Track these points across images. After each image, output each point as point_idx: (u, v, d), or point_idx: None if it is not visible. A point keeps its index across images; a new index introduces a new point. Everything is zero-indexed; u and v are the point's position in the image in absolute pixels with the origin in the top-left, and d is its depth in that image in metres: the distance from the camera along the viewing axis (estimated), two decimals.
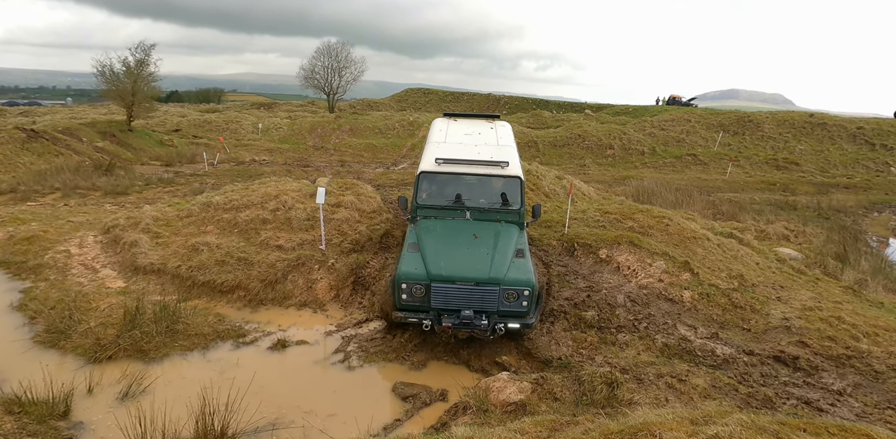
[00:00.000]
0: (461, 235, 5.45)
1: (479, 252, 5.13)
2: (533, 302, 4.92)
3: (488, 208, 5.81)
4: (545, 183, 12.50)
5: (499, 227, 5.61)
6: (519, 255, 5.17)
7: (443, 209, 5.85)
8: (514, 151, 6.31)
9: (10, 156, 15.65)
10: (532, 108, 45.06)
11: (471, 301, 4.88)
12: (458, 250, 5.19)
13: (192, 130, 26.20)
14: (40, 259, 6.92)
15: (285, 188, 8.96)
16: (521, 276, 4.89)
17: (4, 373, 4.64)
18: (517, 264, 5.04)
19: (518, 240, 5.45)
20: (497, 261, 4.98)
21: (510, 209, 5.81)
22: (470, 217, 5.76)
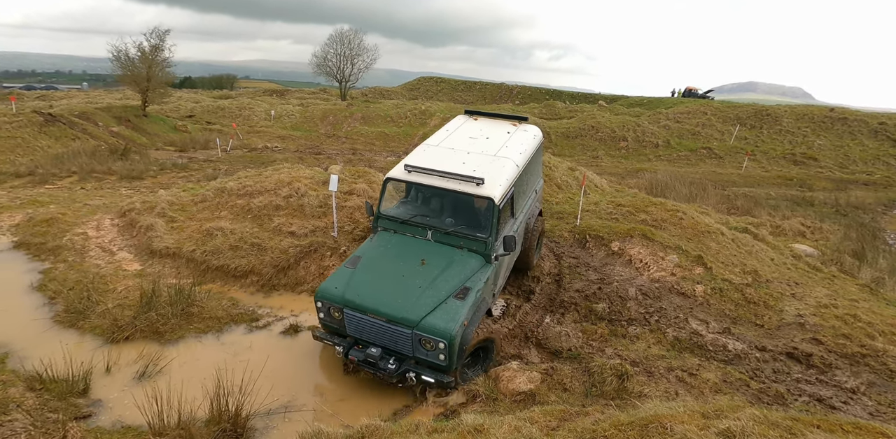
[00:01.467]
0: (408, 259, 4.54)
1: (411, 283, 4.27)
2: (455, 356, 3.99)
3: (452, 230, 4.68)
4: (557, 174, 12.39)
5: (456, 256, 4.54)
6: (460, 296, 4.17)
7: (403, 223, 4.88)
8: (508, 167, 5.02)
9: (29, 139, 15.86)
10: (545, 99, 44.52)
11: (383, 338, 4.24)
12: (390, 275, 4.39)
13: (206, 116, 26.32)
14: (59, 241, 7.05)
15: (298, 175, 8.99)
16: (440, 324, 3.95)
17: (26, 351, 4.76)
18: (447, 307, 4.08)
19: (473, 275, 4.39)
20: (423, 299, 4.12)
21: (476, 236, 4.58)
22: (431, 237, 4.74)
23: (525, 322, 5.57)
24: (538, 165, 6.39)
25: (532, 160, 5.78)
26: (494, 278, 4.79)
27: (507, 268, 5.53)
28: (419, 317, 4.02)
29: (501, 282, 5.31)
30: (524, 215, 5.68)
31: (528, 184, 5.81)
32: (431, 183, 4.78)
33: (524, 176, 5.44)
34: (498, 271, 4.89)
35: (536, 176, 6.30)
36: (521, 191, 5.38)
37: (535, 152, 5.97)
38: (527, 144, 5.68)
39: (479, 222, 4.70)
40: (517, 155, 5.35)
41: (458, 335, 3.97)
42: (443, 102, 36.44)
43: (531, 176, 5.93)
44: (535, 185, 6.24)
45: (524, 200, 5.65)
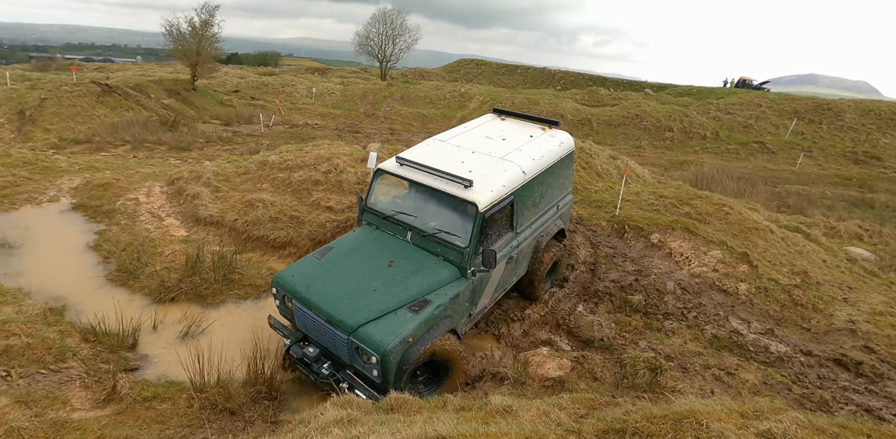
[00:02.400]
0: (377, 258, 4.14)
1: (367, 284, 3.86)
2: (391, 375, 3.52)
3: (431, 234, 4.17)
4: (598, 162, 12.04)
5: (428, 263, 4.06)
6: (415, 308, 3.69)
7: (385, 219, 4.48)
8: (509, 172, 4.41)
9: (87, 108, 16.65)
10: (588, 85, 43.08)
11: (324, 339, 3.87)
12: (350, 273, 4.00)
13: (250, 92, 26.89)
14: (113, 204, 7.42)
15: (337, 151, 9.08)
16: (377, 335, 3.48)
17: (81, 305, 5.08)
18: (394, 318, 3.61)
19: (439, 288, 3.90)
20: (371, 304, 3.68)
21: (453, 244, 4.04)
22: (410, 239, 4.30)
23: (557, 309, 5.50)
24: (564, 178, 5.40)
25: (552, 170, 4.98)
26: (470, 296, 4.16)
27: (498, 288, 4.68)
28: (357, 324, 3.56)
29: (486, 302, 4.55)
30: (533, 232, 4.93)
31: (544, 196, 5.00)
32: (418, 179, 4.32)
33: (536, 186, 4.72)
34: (477, 289, 4.22)
35: (559, 189, 5.33)
36: (529, 202, 4.69)
37: (559, 162, 5.11)
38: (546, 151, 4.94)
39: (456, 229, 4.10)
40: (528, 160, 4.65)
41: (394, 351, 3.43)
42: (483, 85, 35.84)
43: (549, 188, 5.05)
44: (555, 200, 5.31)
45: (533, 214, 4.87)
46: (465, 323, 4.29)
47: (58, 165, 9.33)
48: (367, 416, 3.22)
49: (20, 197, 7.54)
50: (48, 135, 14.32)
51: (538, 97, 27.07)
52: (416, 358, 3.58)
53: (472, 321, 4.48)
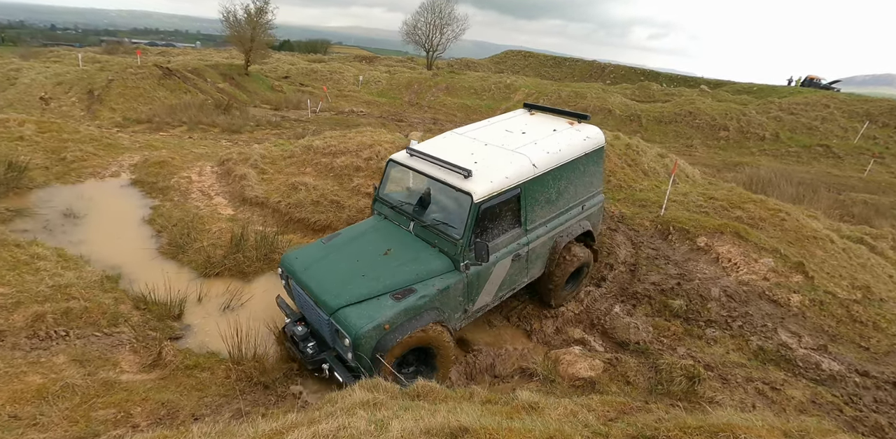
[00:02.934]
0: (376, 245, 4.18)
1: (359, 269, 3.90)
2: (364, 360, 3.54)
3: (429, 224, 4.14)
4: (645, 159, 11.58)
5: (423, 254, 4.02)
6: (398, 296, 3.68)
7: (392, 208, 4.51)
8: (517, 164, 4.23)
9: (149, 90, 17.56)
10: (639, 80, 41.41)
11: (313, 319, 3.99)
12: (347, 258, 4.07)
13: (300, 78, 27.52)
14: (167, 182, 7.81)
15: (380, 139, 9.16)
16: (353, 318, 3.50)
17: (134, 275, 5.39)
18: (375, 304, 3.61)
19: (429, 279, 3.85)
20: (356, 288, 3.71)
21: (449, 235, 3.96)
22: (412, 229, 4.28)
23: (593, 308, 5.36)
24: (590, 175, 5.06)
25: (573, 165, 4.70)
26: (465, 291, 4.04)
27: (503, 287, 4.49)
28: (338, 306, 3.60)
29: (487, 300, 4.37)
30: (549, 231, 4.69)
31: (563, 193, 4.73)
32: (422, 169, 4.30)
33: (550, 181, 4.49)
34: (474, 284, 4.09)
35: (584, 187, 5.02)
36: (542, 198, 4.47)
37: (583, 157, 4.81)
38: (566, 145, 4.64)
39: (458, 220, 4.00)
40: (542, 153, 4.41)
41: (367, 335, 3.44)
42: (529, 77, 35.17)
43: (570, 184, 4.78)
44: (579, 198, 5.01)
45: (549, 212, 4.63)
46: (459, 318, 4.14)
47: (120, 143, 9.89)
48: (392, 401, 3.25)
49: (86, 171, 8.05)
50: (113, 114, 15.22)
51: (586, 91, 26.27)
52: (393, 346, 3.54)
53: (469, 318, 4.29)
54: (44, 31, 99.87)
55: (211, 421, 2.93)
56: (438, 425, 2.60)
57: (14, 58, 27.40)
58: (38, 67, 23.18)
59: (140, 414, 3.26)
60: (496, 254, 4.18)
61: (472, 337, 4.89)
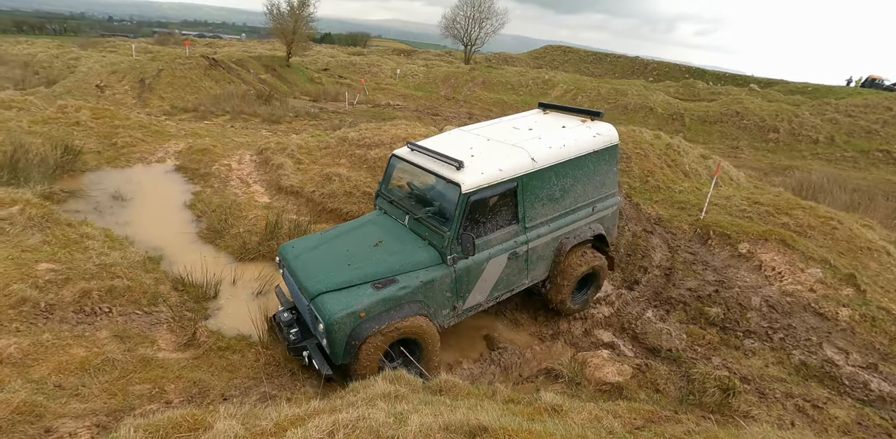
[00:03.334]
0: (369, 238, 4.16)
1: (346, 259, 3.89)
2: (339, 347, 3.50)
3: (423, 217, 4.05)
4: (686, 160, 11.14)
5: (411, 246, 3.96)
6: (378, 285, 3.64)
7: (391, 203, 4.47)
8: (514, 157, 4.10)
9: (196, 80, 18.20)
10: (684, 77, 39.87)
11: (300, 306, 4.00)
12: (338, 248, 4.07)
13: (339, 70, 27.91)
14: (209, 169, 8.08)
15: (414, 132, 9.17)
16: (329, 304, 3.48)
17: (174, 257, 5.61)
18: (355, 292, 3.58)
19: (414, 271, 3.78)
20: (338, 275, 3.69)
21: (438, 228, 3.88)
22: (407, 223, 4.20)
23: (624, 311, 5.21)
24: (601, 175, 4.78)
25: (580, 163, 4.48)
26: (453, 286, 3.93)
27: (498, 286, 4.31)
28: (318, 291, 3.60)
29: (480, 299, 4.21)
30: (552, 231, 4.48)
31: (569, 192, 4.52)
32: (420, 163, 4.25)
33: (553, 177, 4.31)
34: (463, 280, 3.97)
35: (594, 187, 4.75)
36: (543, 194, 4.29)
37: (592, 154, 4.56)
38: (572, 141, 4.42)
39: (449, 213, 3.90)
40: (543, 148, 4.23)
41: (341, 322, 3.42)
42: (568, 73, 34.42)
43: (577, 183, 4.56)
44: (588, 199, 4.75)
45: (553, 210, 4.44)
46: (447, 315, 4.02)
47: (167, 130, 10.30)
48: (413, 394, 3.25)
49: (134, 156, 8.43)
50: (162, 102, 15.87)
51: (626, 88, 25.50)
52: (369, 335, 3.50)
53: (459, 316, 4.15)
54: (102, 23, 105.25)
55: (238, 403, 3.02)
56: (458, 422, 2.58)
57: (74, 47, 28.99)
58: (96, 56, 24.44)
59: (173, 390, 3.39)
60: (489, 250, 4.05)
61: (498, 335, 4.84)
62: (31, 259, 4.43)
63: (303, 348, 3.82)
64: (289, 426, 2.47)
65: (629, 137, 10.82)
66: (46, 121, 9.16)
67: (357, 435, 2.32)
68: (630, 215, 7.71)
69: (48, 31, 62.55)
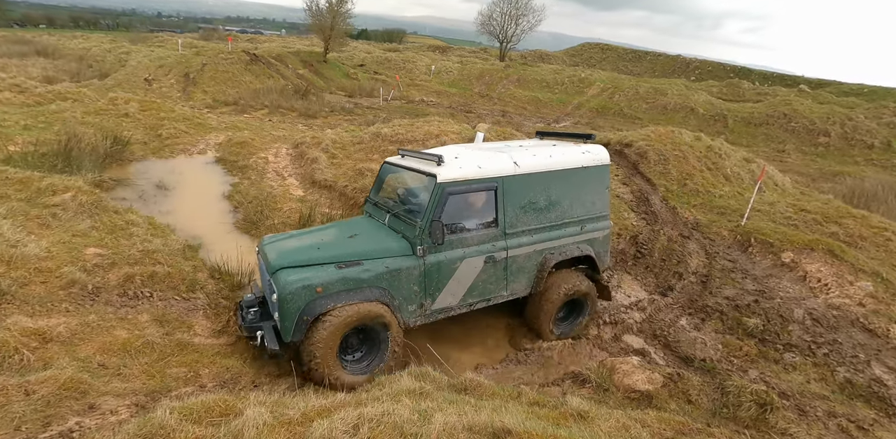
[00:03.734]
0: (348, 232, 4.17)
1: (317, 244, 3.90)
2: (289, 321, 3.42)
3: (400, 213, 4.08)
4: (728, 163, 10.71)
5: (384, 236, 4.00)
6: (342, 266, 3.61)
7: (375, 205, 4.53)
8: (495, 159, 4.10)
9: (237, 74, 18.76)
10: (728, 77, 38.29)
11: (264, 287, 4.00)
12: (313, 238, 4.07)
13: (374, 66, 28.19)
14: (247, 161, 8.32)
15: (446, 129, 9.17)
16: (287, 277, 3.45)
17: (212, 245, 5.79)
18: (317, 269, 3.54)
19: (381, 258, 3.75)
20: (304, 254, 3.68)
21: (412, 219, 3.89)
22: (387, 222, 4.21)
23: (656, 318, 5.05)
24: (591, 194, 4.61)
25: (567, 177, 4.39)
26: (422, 280, 3.85)
27: (472, 291, 4.15)
28: (280, 265, 3.58)
29: (451, 301, 4.07)
30: (534, 242, 4.33)
31: (555, 205, 4.40)
32: (405, 164, 4.31)
33: (537, 186, 4.24)
34: (433, 276, 3.88)
35: (582, 204, 4.58)
36: (525, 201, 4.20)
37: (581, 170, 4.46)
38: (559, 154, 4.40)
39: (424, 206, 3.89)
40: (528, 156, 4.22)
41: (296, 293, 3.37)
42: (605, 71, 33.64)
43: (564, 197, 4.44)
44: (576, 216, 4.58)
45: (536, 221, 4.32)
46: (414, 312, 3.92)
47: (209, 123, 10.66)
48: (438, 392, 3.25)
49: (177, 147, 8.77)
50: (205, 96, 16.44)
51: (666, 87, 24.70)
52: (322, 312, 3.44)
53: (428, 317, 4.02)
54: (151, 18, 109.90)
55: (268, 391, 3.09)
56: (482, 423, 2.56)
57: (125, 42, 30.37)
58: (145, 51, 25.51)
59: (207, 375, 3.51)
60: (465, 249, 3.98)
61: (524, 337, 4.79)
62: (80, 243, 4.67)
63: (258, 328, 3.77)
64: (315, 417, 2.51)
65: (667, 138, 10.47)
66: (98, 113, 9.63)
67: (381, 430, 2.34)
68: (666, 219, 7.48)
69: (102, 27, 65.83)
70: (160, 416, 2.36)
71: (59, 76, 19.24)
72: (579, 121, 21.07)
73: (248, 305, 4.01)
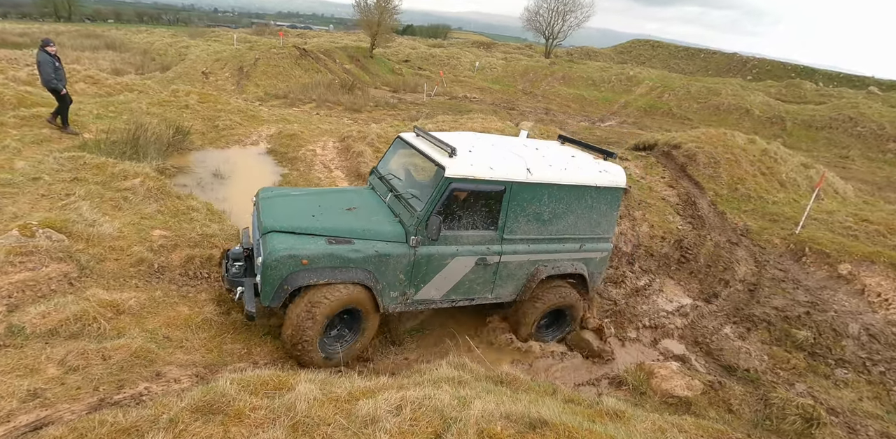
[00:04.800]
0: (348, 202, 4.13)
1: (314, 210, 3.89)
2: (269, 286, 3.40)
3: (401, 195, 3.99)
4: (784, 168, 10.20)
5: (381, 218, 3.91)
6: (332, 241, 3.56)
7: (380, 179, 4.45)
8: (509, 160, 3.97)
9: (287, 68, 19.41)
10: (789, 76, 36.18)
11: (255, 241, 3.93)
12: (312, 202, 4.07)
13: (418, 62, 28.43)
14: (296, 153, 8.64)
15: (490, 126, 9.19)
16: (275, 242, 3.43)
17: None
18: (307, 240, 3.51)
19: (372, 240, 3.66)
20: (298, 221, 3.66)
21: (412, 207, 3.80)
22: (388, 201, 4.13)
23: (699, 324, 4.94)
24: (598, 213, 4.42)
25: (578, 193, 4.21)
26: (409, 269, 3.76)
27: (458, 289, 4.07)
28: (272, 228, 3.56)
29: (434, 295, 3.99)
30: (530, 252, 4.22)
31: (559, 219, 4.26)
32: (417, 145, 4.21)
33: (546, 198, 4.08)
34: (422, 268, 3.80)
35: (587, 223, 4.41)
36: (531, 210, 4.08)
37: (593, 189, 4.26)
38: (577, 168, 4.20)
39: (427, 195, 3.78)
40: (543, 164, 4.04)
41: (280, 261, 3.34)
42: (655, 69, 32.53)
43: (569, 212, 4.27)
44: (577, 233, 4.43)
45: (537, 231, 4.19)
46: (395, 299, 3.85)
47: (261, 115, 11.12)
48: (476, 382, 3.34)
49: (232, 138, 9.21)
50: (257, 89, 17.12)
51: (720, 87, 23.64)
52: (305, 286, 3.46)
53: (408, 305, 3.95)
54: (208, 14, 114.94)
55: (315, 370, 3.27)
56: (519, 412, 2.62)
57: (185, 36, 31.95)
58: (203, 45, 26.78)
59: (259, 353, 3.74)
60: (458, 247, 3.87)
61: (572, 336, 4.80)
62: (147, 225, 5.04)
63: (239, 283, 3.77)
64: (361, 396, 2.65)
65: (719, 141, 10.09)
66: (161, 104, 10.24)
67: (423, 412, 2.45)
68: (713, 224, 7.24)
69: (163, 22, 69.54)
70: (222, 386, 2.57)
71: (125, 68, 20.53)
72: (625, 121, 20.53)
73: (235, 258, 4.00)
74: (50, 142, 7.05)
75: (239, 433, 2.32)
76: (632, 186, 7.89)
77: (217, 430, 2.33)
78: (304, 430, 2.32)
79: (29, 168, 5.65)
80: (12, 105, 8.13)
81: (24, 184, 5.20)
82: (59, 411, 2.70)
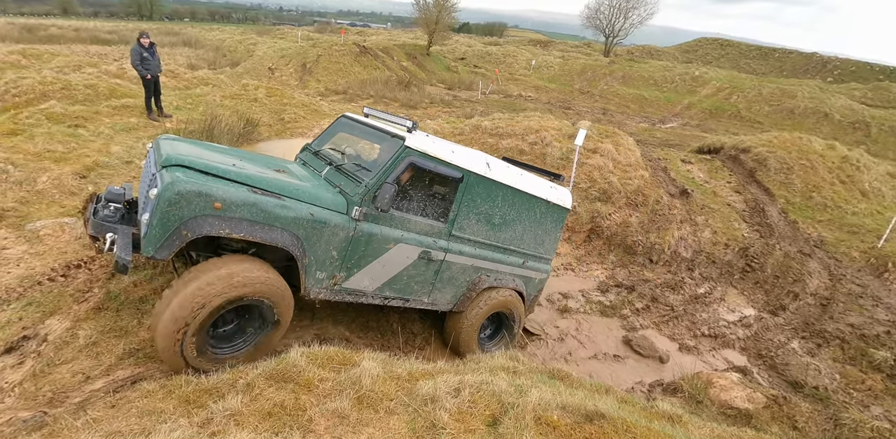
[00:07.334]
0: (275, 166, 3.43)
1: (233, 161, 3.08)
2: (162, 225, 2.53)
3: (345, 167, 3.47)
4: (866, 177, 9.43)
5: (319, 184, 3.34)
6: (256, 191, 2.81)
7: (315, 154, 3.86)
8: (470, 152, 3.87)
9: (347, 65, 20.04)
10: (876, 79, 33.17)
11: (144, 182, 3.15)
12: (231, 156, 3.27)
13: (474, 60, 28.47)
14: None
15: (546, 125, 9.11)
16: (181, 175, 2.61)
17: None
18: (223, 183, 2.73)
19: (308, 204, 3.01)
20: (211, 164, 2.83)
21: (359, 177, 3.28)
22: (325, 175, 3.53)
23: (763, 337, 4.70)
24: (543, 231, 4.31)
25: (527, 203, 4.08)
26: (345, 246, 3.21)
27: (394, 282, 3.63)
28: (176, 162, 2.73)
29: (367, 285, 3.49)
30: (476, 258, 3.96)
31: (508, 226, 4.07)
32: (368, 122, 3.83)
33: (499, 199, 3.90)
34: (358, 248, 3.28)
35: (532, 237, 4.27)
36: (484, 210, 3.85)
37: (543, 203, 4.16)
38: (530, 179, 4.13)
39: (375, 166, 3.34)
40: (501, 165, 3.96)
41: (182, 195, 2.52)
42: (723, 69, 30.81)
43: (519, 221, 4.12)
44: (522, 247, 4.26)
45: (485, 234, 3.96)
46: (321, 279, 3.22)
47: (321, 109, 11.58)
48: (530, 373, 3.38)
49: (297, 130, 9.66)
50: (319, 85, 17.80)
51: (795, 89, 22.07)
52: (214, 238, 2.89)
53: (334, 293, 3.34)
54: (274, 12, 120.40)
55: (377, 351, 3.42)
56: (576, 404, 2.64)
57: (253, 34, 33.68)
58: (269, 42, 28.13)
59: (331, 334, 3.95)
60: (403, 232, 3.46)
61: (639, 341, 4.73)
62: None
63: (110, 230, 2.93)
64: (420, 377, 2.76)
65: (793, 146, 9.47)
66: (232, 97, 10.89)
67: (481, 396, 2.52)
68: (783, 233, 6.83)
69: (233, 20, 73.59)
70: (293, 357, 2.75)
71: (199, 64, 21.95)
72: (688, 123, 19.63)
73: (110, 198, 3.15)
74: (137, 130, 7.70)
75: (308, 401, 2.48)
76: (694, 190, 7.58)
77: (289, 397, 2.51)
78: (369, 403, 2.46)
79: (123, 152, 6.21)
80: (105, 96, 8.93)
81: (119, 166, 5.73)
82: (151, 369, 2.99)
